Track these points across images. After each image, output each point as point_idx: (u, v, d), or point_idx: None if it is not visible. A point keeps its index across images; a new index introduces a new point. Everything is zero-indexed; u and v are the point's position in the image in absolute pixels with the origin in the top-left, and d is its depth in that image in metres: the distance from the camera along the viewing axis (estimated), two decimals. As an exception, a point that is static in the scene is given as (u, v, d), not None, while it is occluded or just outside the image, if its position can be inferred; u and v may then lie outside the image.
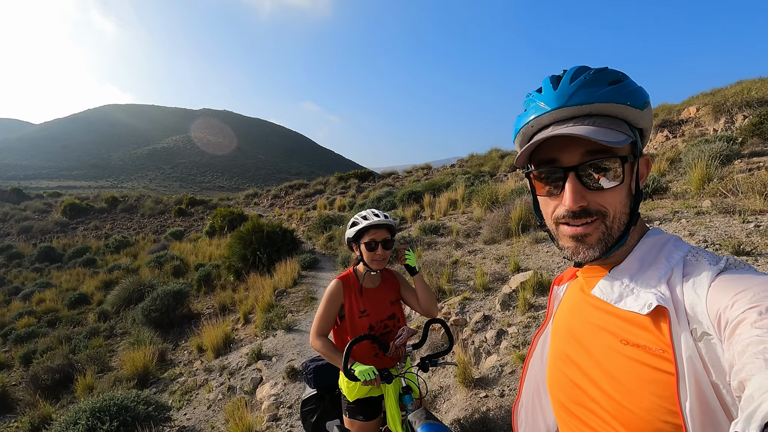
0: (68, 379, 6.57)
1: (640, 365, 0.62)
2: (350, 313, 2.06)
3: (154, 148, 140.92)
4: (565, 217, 0.69)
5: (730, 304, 0.54)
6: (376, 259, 2.03)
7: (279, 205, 24.37)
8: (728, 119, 9.18)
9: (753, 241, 3.47)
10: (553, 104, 0.68)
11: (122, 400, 4.01)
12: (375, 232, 2.03)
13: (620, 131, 0.66)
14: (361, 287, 2.10)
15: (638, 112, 0.68)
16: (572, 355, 0.76)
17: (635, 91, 0.68)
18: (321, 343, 2.01)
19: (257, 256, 10.17)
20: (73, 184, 74.03)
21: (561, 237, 0.72)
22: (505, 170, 14.02)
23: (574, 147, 0.67)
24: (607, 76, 0.68)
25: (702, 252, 0.65)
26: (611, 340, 0.67)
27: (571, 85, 0.68)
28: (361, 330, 2.05)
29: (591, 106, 0.66)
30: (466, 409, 3.11)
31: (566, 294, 0.87)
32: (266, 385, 4.65)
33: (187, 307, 9.03)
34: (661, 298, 0.61)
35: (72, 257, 18.99)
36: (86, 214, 29.21)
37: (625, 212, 0.69)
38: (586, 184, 0.67)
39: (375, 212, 2.07)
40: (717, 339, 0.55)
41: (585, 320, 0.75)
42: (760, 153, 6.45)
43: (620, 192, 0.67)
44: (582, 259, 0.70)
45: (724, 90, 11.11)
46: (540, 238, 5.50)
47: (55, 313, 11.31)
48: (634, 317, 0.65)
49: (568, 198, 0.67)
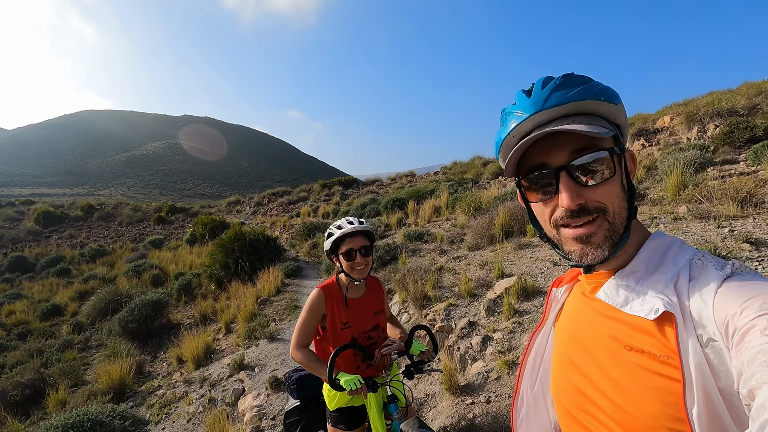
0: (39, 394, 6.28)
1: (644, 371, 0.61)
2: (332, 325, 2.00)
3: (133, 154, 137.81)
4: (564, 218, 0.68)
5: (739, 311, 0.53)
6: (356, 268, 1.97)
7: (262, 212, 24.10)
8: (701, 128, 9.51)
9: (728, 245, 3.58)
10: (530, 110, 0.68)
11: (97, 415, 3.84)
12: (352, 241, 1.97)
13: (601, 125, 0.66)
14: (345, 298, 2.03)
15: (614, 107, 0.69)
16: (576, 361, 0.75)
17: (606, 89, 0.69)
18: (302, 355, 1.94)
19: (239, 264, 9.99)
20: (48, 191, 71.75)
21: (564, 241, 0.70)
22: (488, 177, 14.19)
23: (559, 148, 0.67)
24: (576, 79, 0.70)
25: (707, 256, 0.65)
26: (615, 345, 0.66)
27: (543, 90, 0.69)
28: (343, 341, 1.99)
29: (567, 105, 0.67)
30: (453, 416, 3.09)
31: (570, 297, 0.86)
32: (249, 396, 4.54)
33: (167, 318, 8.79)
34: (669, 303, 0.60)
35: (45, 267, 18.31)
36: (61, 222, 28.31)
37: (624, 206, 0.68)
38: (580, 181, 0.67)
39: (349, 220, 2.02)
40: (723, 345, 0.55)
41: (589, 325, 0.74)
42: (731, 161, 6.68)
43: (615, 185, 0.67)
44: (591, 260, 0.68)
45: (696, 100, 11.53)
46: (523, 244, 5.56)
47: (26, 326, 10.84)
48: (639, 322, 0.64)
49: (565, 197, 0.66)
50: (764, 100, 9.03)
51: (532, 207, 0.76)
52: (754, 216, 4.14)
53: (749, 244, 3.50)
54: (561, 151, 0.67)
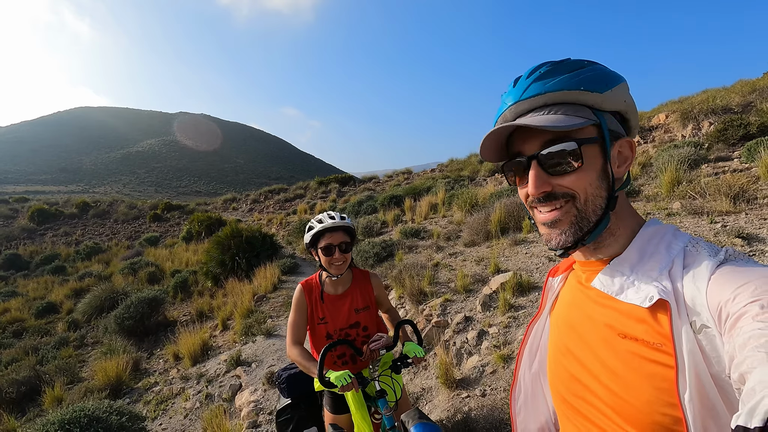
0: (35, 392, 6.27)
1: (638, 359, 0.62)
2: (311, 320, 2.03)
3: (129, 151, 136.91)
4: (533, 202, 0.72)
5: (732, 297, 0.54)
6: (334, 264, 1.98)
7: (258, 209, 24.04)
8: (695, 126, 9.58)
9: (720, 240, 3.62)
10: (512, 99, 0.72)
11: (93, 411, 3.84)
12: (331, 236, 1.98)
13: (577, 116, 0.67)
14: (321, 293, 2.04)
15: (597, 96, 0.68)
16: (572, 349, 0.76)
17: (593, 77, 0.69)
18: (296, 352, 1.96)
19: (236, 261, 9.97)
20: (42, 189, 71.19)
21: (537, 224, 0.75)
22: (485, 174, 14.22)
23: (533, 137, 0.70)
24: (567, 65, 0.70)
25: (701, 242, 0.65)
26: (609, 333, 0.68)
27: (527, 80, 0.72)
28: (320, 337, 2.02)
29: (544, 96, 0.69)
30: (449, 409, 3.12)
31: (565, 286, 0.88)
32: (245, 391, 4.55)
33: (163, 315, 8.76)
34: (663, 290, 0.61)
35: (40, 265, 18.20)
36: (55, 219, 28.08)
37: (599, 195, 0.69)
38: (549, 169, 0.69)
39: (331, 214, 2.03)
40: (716, 331, 0.55)
41: (584, 313, 0.75)
42: (725, 158, 6.74)
43: (587, 174, 0.68)
44: (556, 245, 0.71)
45: (691, 98, 11.61)
46: (519, 240, 5.59)
47: (21, 323, 10.77)
48: (632, 310, 0.65)
49: (530, 185, 0.70)
50: (758, 97, 9.10)
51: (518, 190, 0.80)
52: (747, 212, 4.19)
53: (741, 239, 3.54)
54: (534, 140, 0.70)
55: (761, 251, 3.32)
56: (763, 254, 3.27)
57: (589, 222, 0.69)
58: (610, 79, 0.70)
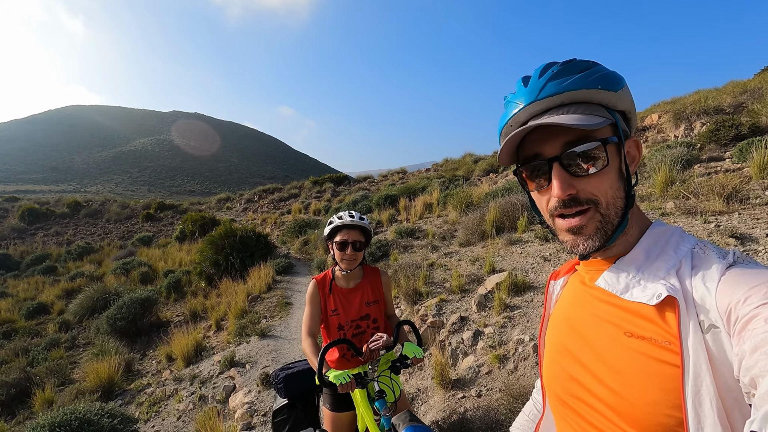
0: (25, 394, 6.17)
1: (644, 358, 0.61)
2: (325, 312, 2.14)
3: (121, 150, 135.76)
4: (558, 208, 0.69)
5: (743, 299, 0.53)
6: (345, 259, 2.10)
7: (252, 209, 23.90)
8: (687, 126, 9.65)
9: (714, 240, 3.64)
10: (526, 100, 0.70)
11: (85, 414, 3.79)
12: (348, 233, 2.10)
13: (596, 115, 0.66)
14: (331, 285, 2.17)
15: (613, 95, 0.68)
16: (571, 348, 0.75)
17: (606, 76, 0.68)
18: (307, 344, 2.05)
19: (230, 261, 9.92)
20: (32, 188, 70.36)
21: (559, 232, 0.72)
22: (479, 174, 14.25)
23: (553, 138, 0.68)
24: (576, 65, 0.70)
25: (709, 245, 0.65)
26: (615, 332, 0.66)
27: (540, 80, 0.70)
28: (333, 328, 2.12)
29: (562, 95, 0.68)
30: (444, 410, 3.11)
31: (566, 287, 0.87)
32: (239, 393, 4.51)
33: (156, 315, 8.69)
34: (671, 288, 0.61)
35: (30, 265, 17.94)
36: (46, 219, 27.74)
37: (619, 196, 0.68)
38: (572, 171, 0.67)
39: (351, 213, 2.15)
40: (725, 332, 0.55)
41: (587, 312, 0.74)
42: (717, 158, 6.79)
43: (608, 176, 0.67)
44: (583, 251, 0.69)
45: (683, 99, 11.69)
46: (514, 240, 5.59)
47: (11, 324, 10.60)
48: (640, 308, 0.64)
49: (555, 187, 0.67)
50: (749, 98, 9.18)
51: (532, 195, 0.77)
52: (739, 211, 4.22)
53: (734, 239, 3.56)
54: (554, 141, 0.68)
55: (754, 251, 3.34)
56: (757, 254, 3.29)
57: (613, 224, 0.68)
58: (618, 78, 0.70)
